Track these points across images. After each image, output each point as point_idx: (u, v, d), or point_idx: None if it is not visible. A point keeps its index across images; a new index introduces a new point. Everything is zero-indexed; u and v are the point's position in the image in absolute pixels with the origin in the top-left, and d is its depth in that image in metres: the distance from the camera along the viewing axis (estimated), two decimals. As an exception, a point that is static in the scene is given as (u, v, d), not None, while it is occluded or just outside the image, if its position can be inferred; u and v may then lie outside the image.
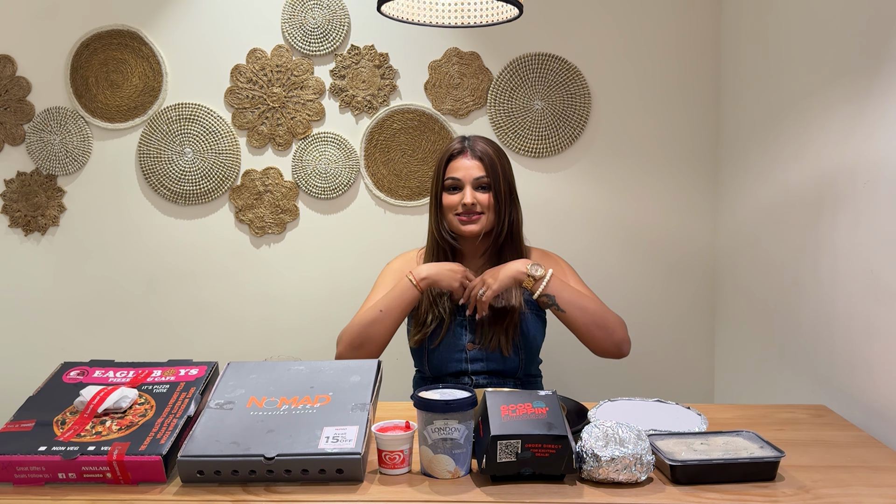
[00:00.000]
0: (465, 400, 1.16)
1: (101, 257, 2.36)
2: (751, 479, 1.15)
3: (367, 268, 2.27)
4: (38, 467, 1.15)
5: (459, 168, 1.74)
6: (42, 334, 2.37)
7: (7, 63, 2.29)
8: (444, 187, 1.76)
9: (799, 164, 1.74)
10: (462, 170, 1.74)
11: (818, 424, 1.45)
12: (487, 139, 1.79)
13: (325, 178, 2.31)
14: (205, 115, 2.30)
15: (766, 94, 1.93)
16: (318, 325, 2.33)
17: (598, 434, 1.16)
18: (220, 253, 2.35)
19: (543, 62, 2.27)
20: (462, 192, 1.74)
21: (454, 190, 1.75)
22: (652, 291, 2.33)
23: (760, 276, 1.96)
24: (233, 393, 1.30)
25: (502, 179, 1.75)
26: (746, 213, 2.06)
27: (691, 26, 2.25)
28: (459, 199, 1.74)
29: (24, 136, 2.32)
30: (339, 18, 2.26)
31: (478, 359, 1.75)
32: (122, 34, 2.29)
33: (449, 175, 1.75)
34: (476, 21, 1.62)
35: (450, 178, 1.75)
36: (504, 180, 1.76)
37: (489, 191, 1.74)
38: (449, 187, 1.75)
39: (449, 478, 1.17)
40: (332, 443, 1.15)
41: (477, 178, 1.73)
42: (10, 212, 2.34)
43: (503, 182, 1.76)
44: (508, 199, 1.77)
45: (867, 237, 1.45)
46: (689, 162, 2.29)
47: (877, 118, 1.42)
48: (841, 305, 1.55)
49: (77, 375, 1.36)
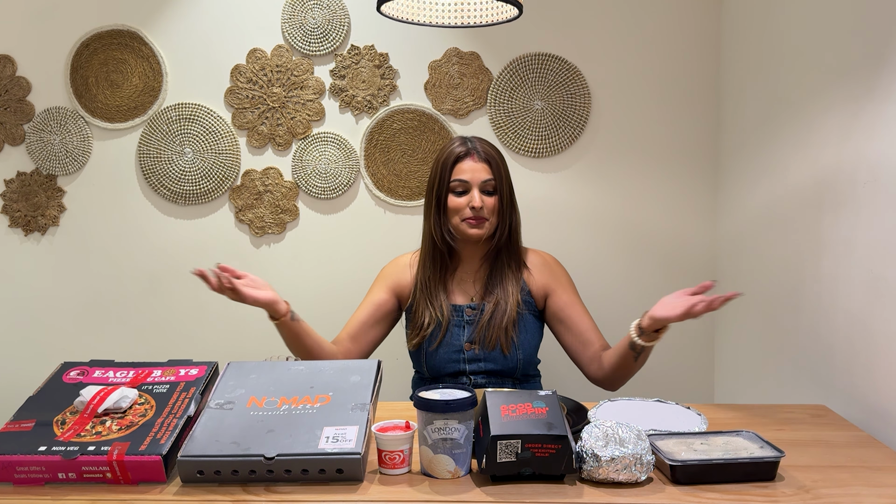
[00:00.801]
0: (465, 400, 1.16)
1: (101, 257, 2.36)
2: (751, 479, 1.15)
3: (367, 268, 2.26)
4: (38, 467, 1.15)
5: (467, 170, 1.72)
6: (42, 334, 2.37)
7: (7, 63, 2.29)
8: (449, 189, 1.74)
9: (799, 164, 1.74)
10: (469, 172, 1.72)
11: (818, 424, 1.45)
12: (486, 140, 1.78)
13: (325, 178, 2.31)
14: (205, 115, 2.30)
15: (766, 94, 1.93)
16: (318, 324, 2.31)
17: (598, 434, 1.16)
18: (220, 253, 2.35)
19: (543, 62, 2.27)
20: (469, 194, 1.72)
21: (461, 192, 1.73)
22: (652, 291, 2.32)
23: (760, 276, 1.96)
24: (233, 393, 1.30)
25: (505, 182, 1.76)
26: (746, 213, 2.06)
27: (691, 26, 2.25)
28: (467, 201, 1.72)
29: (24, 136, 2.32)
30: (339, 18, 2.26)
31: (476, 359, 1.75)
32: (122, 34, 2.29)
33: (456, 177, 1.73)
34: (476, 21, 1.62)
35: (457, 181, 1.72)
36: (507, 183, 1.76)
37: (495, 194, 1.74)
38: (455, 189, 1.74)
39: (449, 478, 1.17)
40: (332, 443, 1.15)
41: (485, 181, 1.72)
42: (10, 212, 2.34)
43: (506, 185, 1.76)
44: (510, 202, 1.77)
45: (867, 237, 1.45)
46: (689, 162, 2.29)
47: (877, 118, 1.42)
48: (841, 305, 1.55)
49: (77, 375, 1.36)
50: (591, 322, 1.79)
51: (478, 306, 1.77)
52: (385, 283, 1.84)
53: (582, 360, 1.78)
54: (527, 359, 1.77)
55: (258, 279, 1.64)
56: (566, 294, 1.79)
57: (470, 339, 1.76)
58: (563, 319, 1.79)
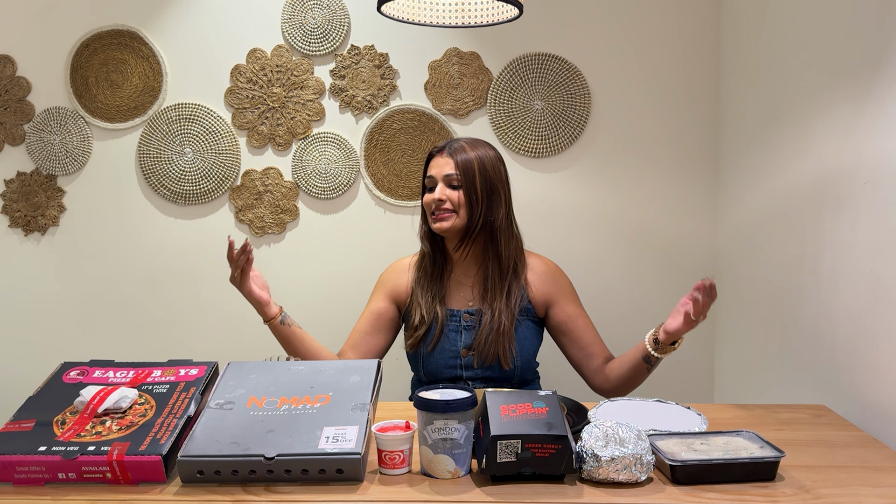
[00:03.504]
0: (465, 400, 1.16)
1: (101, 257, 2.36)
2: (751, 479, 1.15)
3: (367, 268, 2.26)
4: (38, 467, 1.15)
5: (433, 166, 1.74)
6: (42, 334, 2.37)
7: (7, 63, 2.29)
8: (423, 187, 1.77)
9: (799, 163, 1.74)
10: (436, 167, 1.73)
11: (818, 424, 1.45)
12: (478, 140, 1.76)
13: (325, 178, 2.31)
14: (205, 115, 2.30)
15: (766, 94, 1.93)
16: (318, 324, 2.32)
17: (598, 434, 1.16)
18: (220, 253, 2.33)
19: (543, 62, 2.27)
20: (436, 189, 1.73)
21: (430, 189, 1.74)
22: (652, 291, 2.33)
23: (761, 275, 1.96)
24: (233, 393, 1.30)
25: (478, 177, 1.70)
26: (747, 212, 2.06)
27: (691, 26, 2.25)
28: (433, 196, 1.73)
29: (24, 136, 2.32)
30: (339, 18, 2.26)
31: (473, 365, 1.74)
32: (122, 34, 2.29)
33: (427, 174, 1.75)
34: (476, 21, 1.62)
35: (428, 177, 1.75)
36: (481, 178, 1.70)
37: (459, 188, 1.71)
38: (427, 186, 1.75)
39: (449, 478, 1.17)
40: (332, 443, 1.15)
41: (447, 176, 1.71)
42: (10, 212, 2.34)
43: (479, 179, 1.70)
44: (486, 198, 1.71)
45: (868, 237, 1.45)
46: (690, 162, 2.29)
47: (877, 118, 1.42)
48: (841, 305, 1.55)
49: (77, 375, 1.36)
50: (594, 334, 1.78)
51: (476, 312, 1.76)
52: (383, 291, 1.83)
53: (586, 372, 1.78)
54: (525, 366, 1.76)
55: (262, 280, 1.71)
56: (569, 306, 1.78)
57: (467, 346, 1.75)
58: (566, 332, 1.78)
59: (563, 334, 1.78)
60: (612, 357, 1.76)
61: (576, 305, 1.78)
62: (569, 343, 1.78)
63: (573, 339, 1.77)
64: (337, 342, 1.85)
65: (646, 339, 1.63)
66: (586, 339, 1.76)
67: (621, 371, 1.71)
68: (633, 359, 1.67)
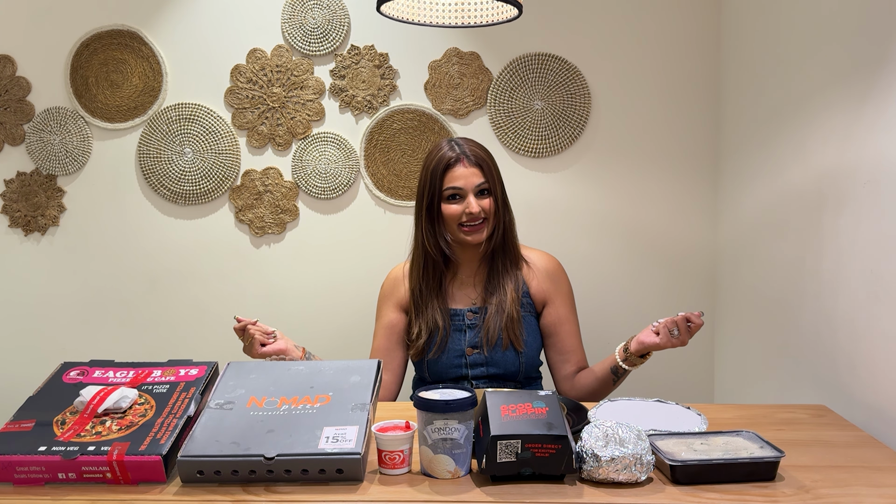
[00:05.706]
0: (465, 400, 1.16)
1: (101, 257, 2.36)
2: (751, 479, 1.15)
3: (367, 268, 2.27)
4: (38, 467, 1.15)
5: (459, 177, 1.70)
6: (42, 334, 2.37)
7: (7, 63, 2.29)
8: (442, 198, 1.72)
9: (799, 164, 1.74)
10: (462, 178, 1.70)
11: (818, 424, 1.45)
12: (474, 141, 1.77)
13: (324, 178, 2.31)
14: (205, 115, 2.30)
15: (766, 94, 1.93)
16: (318, 324, 2.33)
17: (598, 434, 1.16)
18: (220, 253, 2.35)
19: (543, 62, 2.27)
20: (465, 200, 1.70)
21: (455, 199, 1.72)
22: (652, 291, 2.33)
23: (761, 276, 1.96)
24: (233, 393, 1.30)
25: (497, 182, 1.74)
26: (747, 213, 2.06)
27: (691, 26, 2.25)
28: (463, 208, 1.70)
29: (24, 136, 2.32)
30: (339, 18, 2.26)
31: (478, 363, 1.75)
32: (122, 34, 2.29)
33: (448, 185, 1.71)
34: (476, 21, 1.62)
35: (450, 188, 1.71)
36: (499, 182, 1.75)
37: (489, 196, 1.73)
38: (449, 197, 1.72)
39: (449, 478, 1.17)
40: (332, 443, 1.15)
41: (478, 185, 1.71)
42: (10, 212, 2.34)
43: (499, 184, 1.75)
44: (503, 201, 1.76)
45: (868, 237, 1.45)
46: (689, 162, 2.29)
47: (877, 118, 1.42)
48: (841, 305, 1.55)
49: (77, 375, 1.36)
50: (577, 341, 1.80)
51: (479, 310, 1.76)
52: (390, 302, 1.82)
53: (556, 376, 1.82)
54: (530, 360, 1.77)
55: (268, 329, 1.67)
56: (563, 308, 1.79)
57: (472, 344, 1.75)
58: (552, 334, 1.80)
59: (548, 335, 1.81)
60: (587, 367, 1.80)
61: (568, 309, 1.79)
62: (550, 345, 1.81)
63: (555, 342, 1.80)
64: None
65: (616, 351, 1.67)
66: (568, 346, 1.79)
67: (587, 381, 1.74)
68: (601, 370, 1.71)
